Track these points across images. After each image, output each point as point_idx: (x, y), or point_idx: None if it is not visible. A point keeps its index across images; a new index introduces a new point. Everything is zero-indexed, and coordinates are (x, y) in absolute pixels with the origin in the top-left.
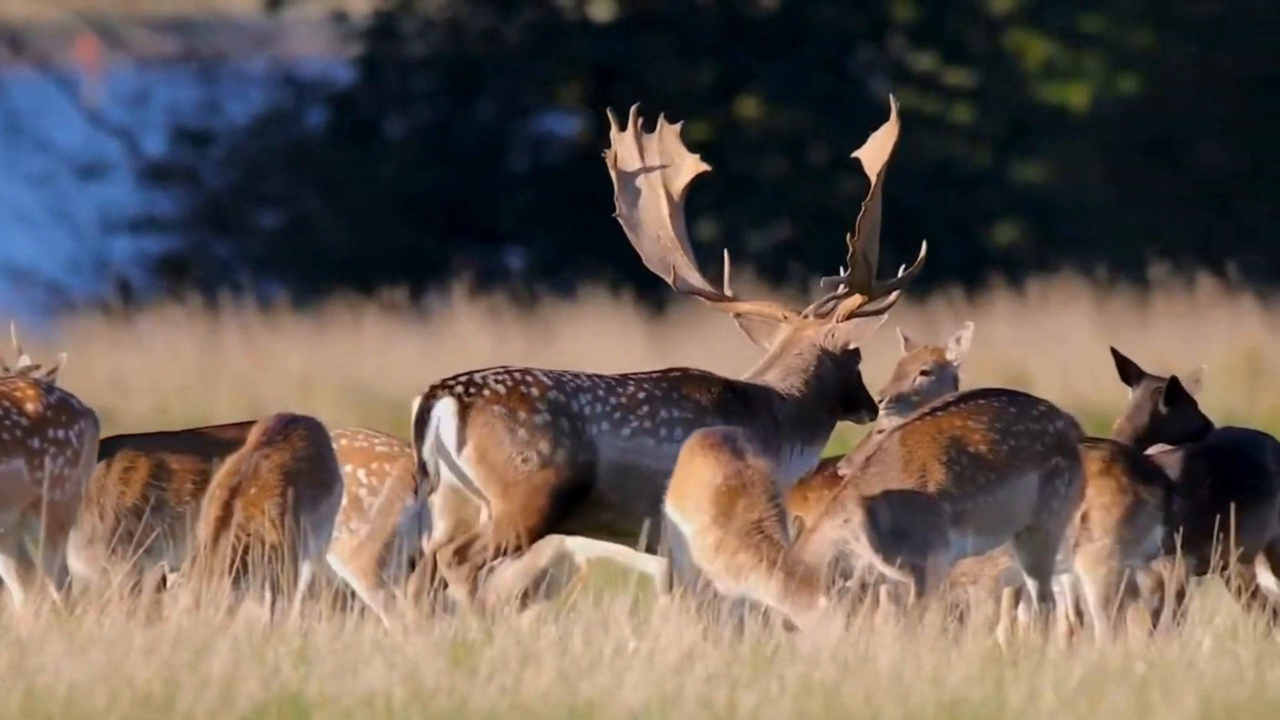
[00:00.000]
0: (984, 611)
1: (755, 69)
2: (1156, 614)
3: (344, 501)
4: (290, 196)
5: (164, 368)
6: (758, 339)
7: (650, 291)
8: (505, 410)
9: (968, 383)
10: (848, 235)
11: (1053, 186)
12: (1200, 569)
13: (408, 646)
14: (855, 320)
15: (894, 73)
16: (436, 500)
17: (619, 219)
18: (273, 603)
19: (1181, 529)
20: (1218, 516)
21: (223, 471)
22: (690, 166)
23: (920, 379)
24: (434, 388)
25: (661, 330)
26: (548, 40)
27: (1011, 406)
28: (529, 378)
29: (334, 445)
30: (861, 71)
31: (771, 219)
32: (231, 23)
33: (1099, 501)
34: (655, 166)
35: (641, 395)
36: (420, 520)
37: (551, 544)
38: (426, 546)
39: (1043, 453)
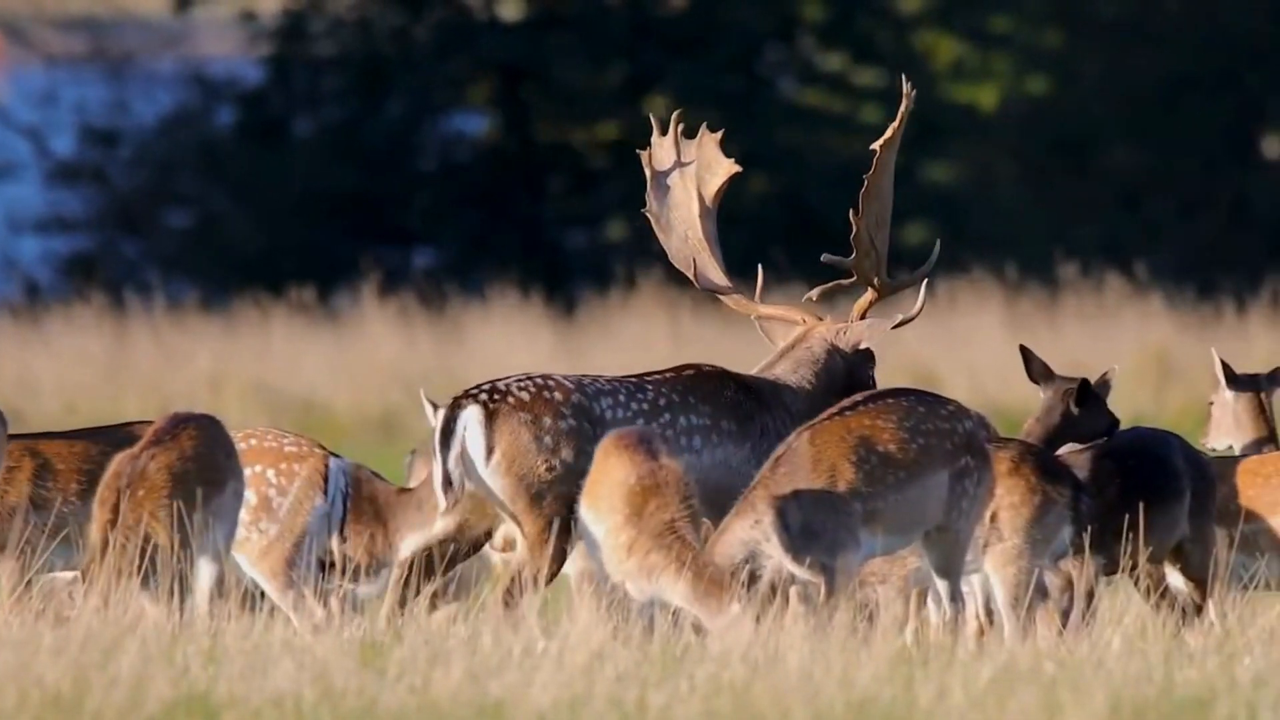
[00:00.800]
0: (893, 611)
1: (664, 69)
2: (1066, 614)
3: (253, 501)
4: (199, 196)
5: (72, 368)
6: (775, 342)
7: (559, 292)
8: (531, 417)
9: (881, 382)
10: (851, 212)
11: (962, 187)
12: (1109, 569)
13: (317, 646)
14: (868, 320)
15: (803, 73)
16: (444, 500)
17: (648, 215)
18: (182, 603)
19: (1090, 529)
20: (1126, 516)
21: (110, 473)
22: (725, 169)
23: None
24: (458, 398)
25: (570, 331)
26: (457, 40)
27: (920, 406)
28: (551, 382)
29: (237, 443)
30: (770, 71)
31: None
32: (140, 22)
33: (1008, 501)
34: (689, 167)
35: (662, 401)
36: (329, 520)
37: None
38: (404, 544)
39: (952, 452)
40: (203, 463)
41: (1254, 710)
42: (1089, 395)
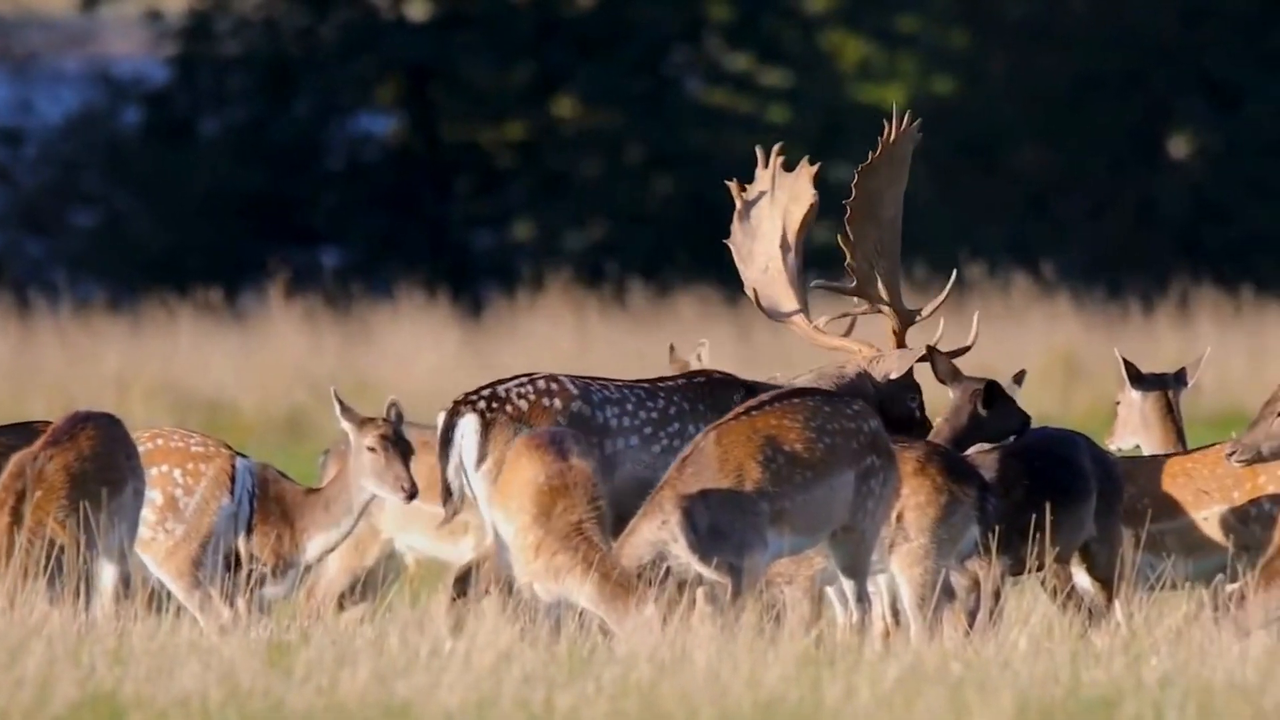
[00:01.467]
0: (800, 612)
1: (571, 69)
2: (972, 614)
3: (160, 501)
4: (105, 196)
5: None
6: None
7: (466, 292)
8: (527, 428)
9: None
10: (840, 238)
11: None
12: (1016, 569)
13: (224, 647)
14: (898, 351)
15: (710, 73)
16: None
17: (729, 245)
18: (87, 604)
19: (997, 529)
20: (1033, 517)
21: (7, 473)
22: (807, 199)
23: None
24: (457, 403)
25: (477, 330)
26: (363, 40)
27: (826, 406)
28: (554, 386)
29: (143, 443)
30: (677, 71)
31: (587, 218)
32: (45, 21)
33: (914, 501)
34: (777, 198)
35: (672, 410)
36: (236, 520)
37: (378, 543)
38: (311, 544)
39: (858, 452)
40: (102, 463)
41: (1160, 710)
42: (997, 396)
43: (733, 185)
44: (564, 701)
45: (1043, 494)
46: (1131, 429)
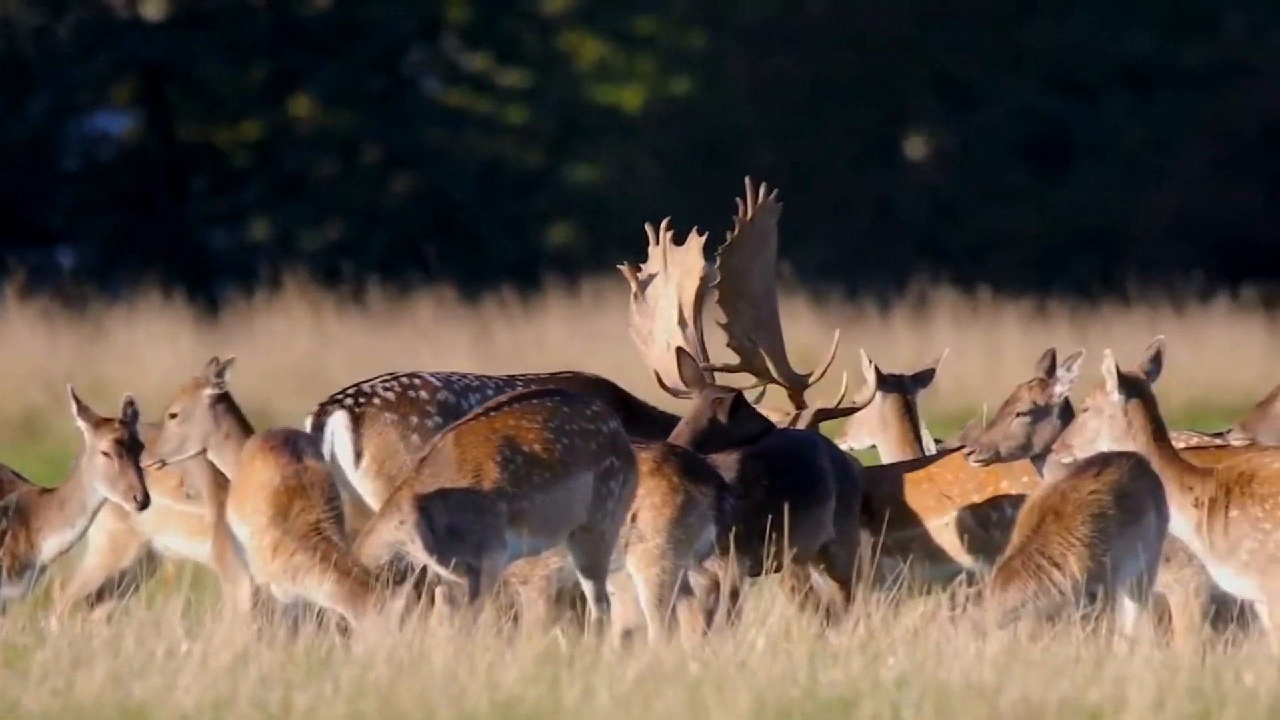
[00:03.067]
0: (536, 612)
1: (308, 68)
2: (710, 614)
3: None
4: None
5: None
6: None
7: (202, 291)
8: (398, 417)
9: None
10: (717, 322)
11: (606, 187)
12: (755, 569)
13: None
14: (802, 414)
15: (447, 73)
16: None
17: (631, 330)
18: None
19: (736, 529)
20: (771, 517)
21: None
22: (698, 271)
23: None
24: (324, 404)
25: (214, 330)
26: (99, 39)
27: (565, 406)
28: (417, 380)
29: None
30: (415, 71)
31: (324, 218)
32: None
33: (650, 502)
34: (671, 276)
35: None
36: None
37: (137, 543)
38: (47, 544)
39: (597, 452)
40: None
41: (897, 710)
42: (740, 407)
43: (626, 269)
44: (301, 702)
45: (782, 495)
46: (869, 429)
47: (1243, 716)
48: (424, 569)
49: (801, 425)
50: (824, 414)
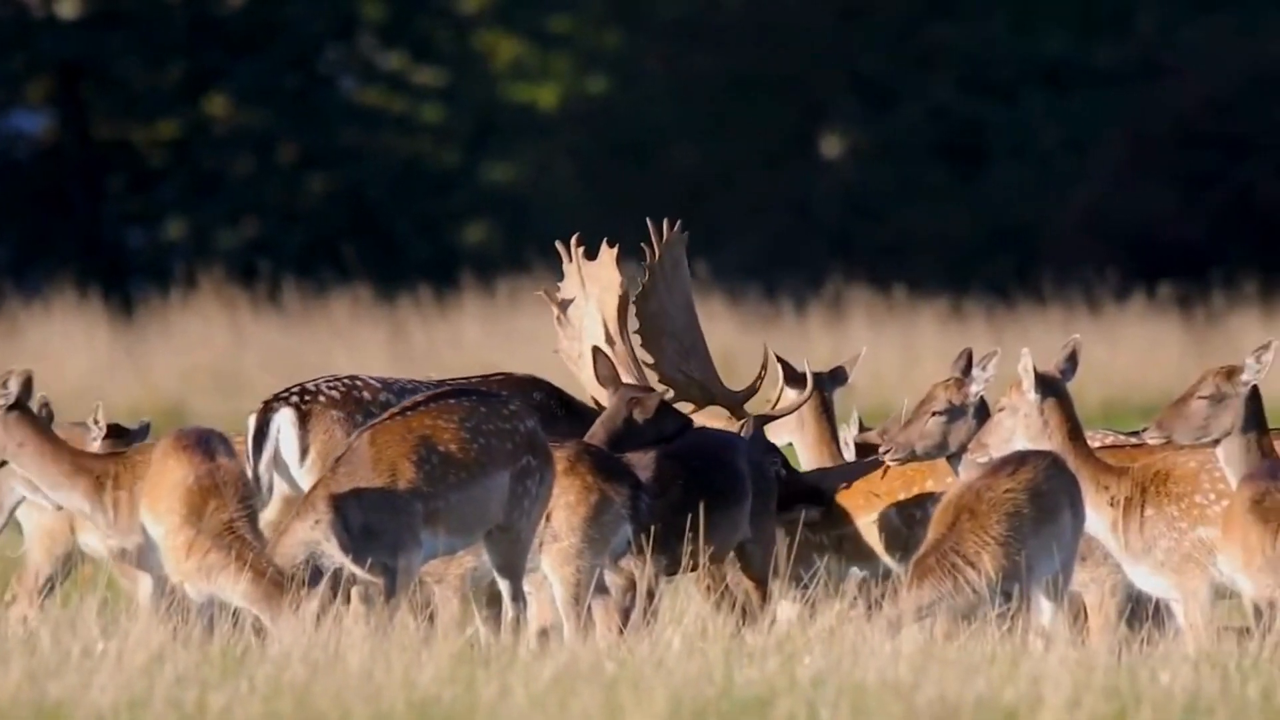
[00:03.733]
0: (451, 610)
1: (224, 67)
2: (626, 613)
3: None
4: None
5: None
6: None
7: (117, 290)
8: (343, 414)
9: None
10: (641, 361)
11: (522, 186)
12: (671, 569)
13: None
14: (746, 421)
15: (363, 72)
16: (268, 514)
17: (560, 354)
18: None
19: (652, 528)
20: (688, 517)
21: None
22: (615, 286)
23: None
24: (268, 401)
25: (129, 329)
26: (13, 38)
27: (482, 406)
28: (359, 382)
29: None
30: (331, 70)
31: (240, 217)
32: None
33: (564, 500)
34: (590, 294)
35: None
36: None
37: (62, 543)
38: None
39: (513, 452)
40: None
41: (814, 709)
42: (656, 407)
43: (544, 293)
44: (217, 701)
45: (698, 495)
46: (788, 428)
47: (1158, 715)
48: (339, 568)
49: (749, 429)
50: (763, 419)
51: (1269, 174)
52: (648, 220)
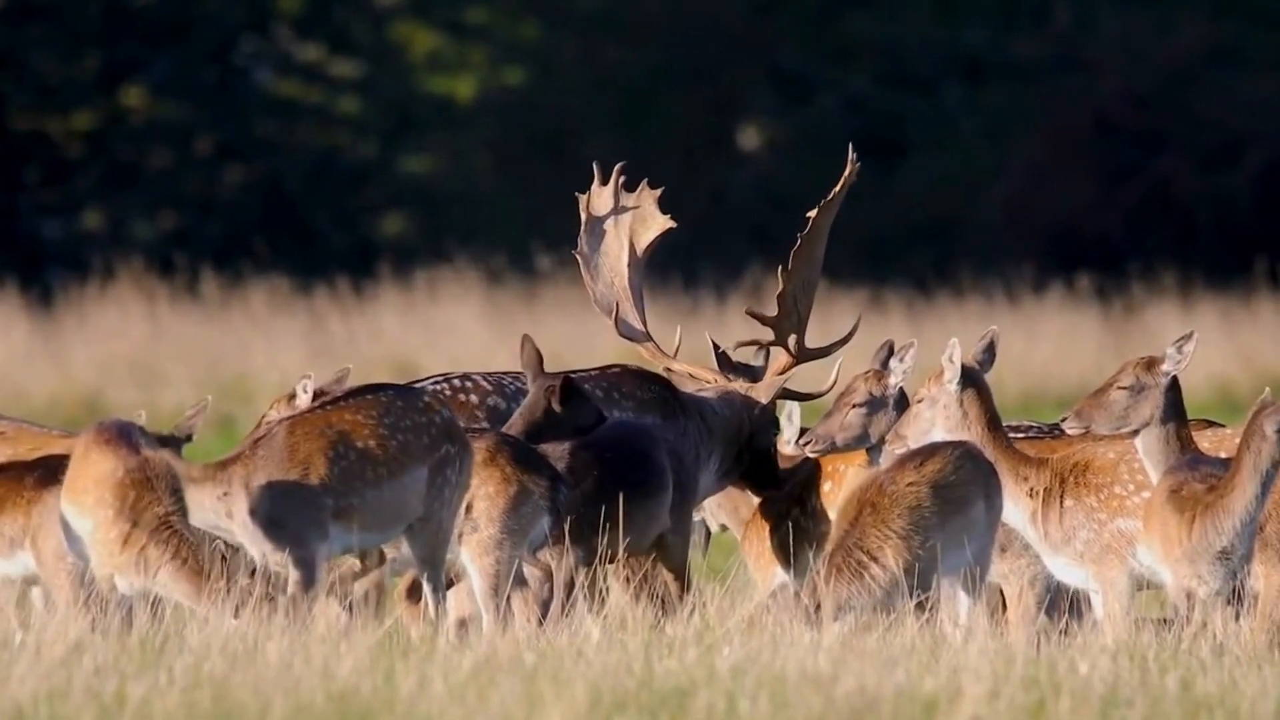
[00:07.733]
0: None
1: (141, 59)
2: (545, 604)
3: None
4: None
5: None
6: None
7: (35, 282)
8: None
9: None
10: (780, 269)
11: (439, 178)
12: (589, 559)
13: None
14: (766, 381)
15: (280, 63)
16: None
17: (578, 256)
18: None
19: (570, 519)
20: (605, 508)
21: None
22: (660, 224)
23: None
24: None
25: (47, 320)
26: None
27: (399, 401)
28: (468, 384)
29: None
30: (247, 62)
31: (157, 209)
32: None
33: (484, 491)
34: (624, 217)
35: (599, 394)
36: None
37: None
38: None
39: (430, 445)
40: None
41: (733, 700)
42: (572, 393)
43: (580, 198)
44: (136, 692)
45: (614, 486)
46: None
47: (1077, 706)
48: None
49: (765, 394)
50: (788, 393)
51: (1186, 167)
52: (850, 148)
